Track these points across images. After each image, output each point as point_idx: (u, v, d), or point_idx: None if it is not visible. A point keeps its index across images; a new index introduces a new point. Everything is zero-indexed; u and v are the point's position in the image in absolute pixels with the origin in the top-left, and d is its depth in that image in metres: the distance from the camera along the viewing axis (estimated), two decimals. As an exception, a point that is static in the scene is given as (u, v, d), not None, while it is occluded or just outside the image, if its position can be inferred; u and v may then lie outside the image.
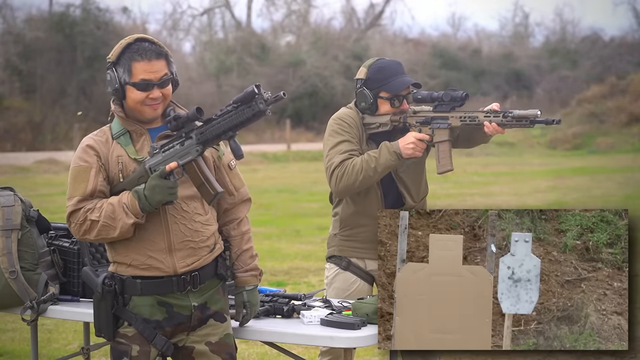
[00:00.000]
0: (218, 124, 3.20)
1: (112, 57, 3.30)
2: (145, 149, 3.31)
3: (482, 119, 3.90)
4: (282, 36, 43.62)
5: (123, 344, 3.29)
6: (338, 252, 4.12)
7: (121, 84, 3.28)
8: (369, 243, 4.03)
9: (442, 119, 3.95)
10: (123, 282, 3.29)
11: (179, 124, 3.24)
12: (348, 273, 4.08)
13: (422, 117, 3.97)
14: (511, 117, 3.84)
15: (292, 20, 44.99)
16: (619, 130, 29.78)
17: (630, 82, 31.92)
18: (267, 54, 38.15)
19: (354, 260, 4.09)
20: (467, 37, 49.31)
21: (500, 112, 3.87)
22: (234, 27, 44.05)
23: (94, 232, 3.24)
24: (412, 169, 4.08)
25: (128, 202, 3.21)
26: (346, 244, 4.10)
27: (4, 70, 32.08)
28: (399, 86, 4.00)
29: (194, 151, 3.23)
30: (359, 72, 4.09)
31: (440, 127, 3.95)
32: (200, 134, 3.22)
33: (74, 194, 3.26)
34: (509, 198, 16.41)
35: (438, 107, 3.97)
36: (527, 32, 50.26)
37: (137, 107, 3.30)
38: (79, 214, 3.25)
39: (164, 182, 3.19)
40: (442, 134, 3.95)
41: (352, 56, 37.72)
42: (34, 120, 30.77)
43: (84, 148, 3.31)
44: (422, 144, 3.94)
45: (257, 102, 3.13)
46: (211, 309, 3.38)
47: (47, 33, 33.18)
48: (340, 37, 41.16)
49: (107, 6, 39.16)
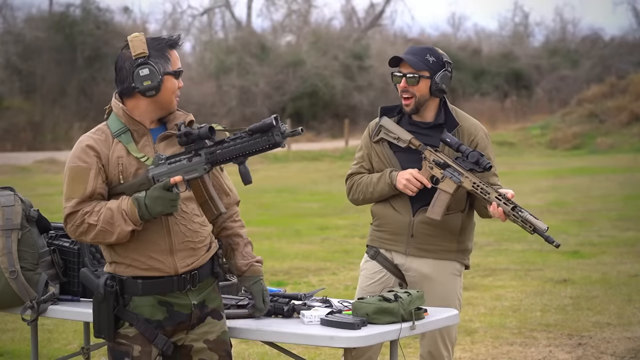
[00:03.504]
0: (230, 147, 3.19)
1: (144, 51, 3.25)
2: (147, 149, 3.29)
3: (493, 198, 3.85)
4: (282, 36, 43.64)
5: (124, 344, 3.28)
6: (370, 242, 4.17)
7: (161, 74, 3.26)
8: (396, 235, 4.04)
9: (458, 173, 3.90)
10: (123, 283, 3.29)
11: (189, 140, 3.22)
12: (374, 262, 4.11)
13: (441, 160, 3.92)
14: (520, 216, 3.79)
15: (292, 20, 45.00)
16: (619, 130, 29.77)
17: (630, 82, 31.90)
18: (267, 53, 38.15)
19: (382, 252, 4.10)
20: (467, 37, 49.31)
21: (512, 204, 3.82)
22: (234, 27, 44.07)
23: (90, 235, 3.23)
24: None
25: (127, 209, 3.19)
26: (376, 234, 4.14)
27: (4, 70, 32.11)
28: (391, 60, 4.02)
29: (202, 169, 3.22)
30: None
31: (452, 179, 3.90)
32: (210, 153, 3.21)
33: (72, 196, 3.24)
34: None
35: (459, 160, 3.91)
36: (527, 32, 50.28)
37: (170, 97, 3.29)
38: (76, 216, 3.23)
39: (166, 194, 3.18)
40: (449, 186, 3.91)
41: (352, 56, 37.72)
42: (34, 120, 30.78)
43: (83, 148, 3.27)
44: (416, 183, 3.91)
45: (274, 134, 3.13)
46: (209, 307, 3.39)
47: (47, 33, 33.20)
48: (340, 37, 41.16)
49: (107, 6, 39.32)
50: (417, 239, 4.02)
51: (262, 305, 3.50)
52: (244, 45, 38.29)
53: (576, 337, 6.51)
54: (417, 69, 3.97)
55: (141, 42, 3.26)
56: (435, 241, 4.03)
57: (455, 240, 4.07)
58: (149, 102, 3.29)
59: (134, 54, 3.25)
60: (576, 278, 8.80)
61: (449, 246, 4.06)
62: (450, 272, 4.07)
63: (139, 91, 3.25)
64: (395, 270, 4.09)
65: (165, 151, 3.31)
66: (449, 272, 4.06)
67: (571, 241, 11.23)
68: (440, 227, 4.00)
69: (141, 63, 3.24)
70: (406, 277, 4.07)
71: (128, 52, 3.28)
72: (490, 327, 6.85)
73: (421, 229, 4.01)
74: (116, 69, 3.32)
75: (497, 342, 6.41)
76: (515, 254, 10.40)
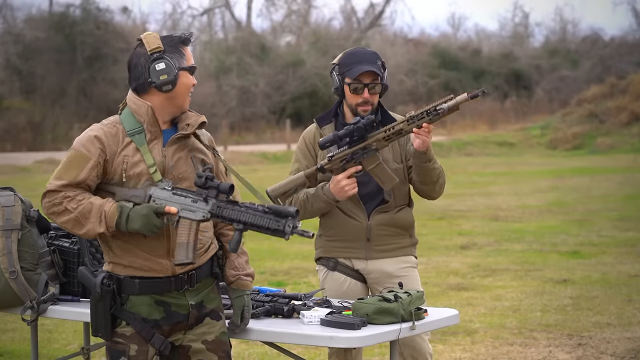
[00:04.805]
0: (240, 211, 3.16)
1: (159, 46, 3.24)
2: (155, 151, 3.26)
3: (405, 126, 3.77)
4: (282, 36, 43.65)
5: (121, 343, 3.28)
6: (324, 254, 4.11)
7: (177, 69, 3.25)
8: (352, 242, 4.03)
9: (363, 149, 3.84)
10: (120, 282, 3.28)
11: (205, 185, 3.18)
12: (337, 273, 4.07)
13: (343, 159, 3.85)
14: (440, 110, 3.71)
15: (292, 20, 45.00)
16: (619, 130, 29.77)
17: (630, 82, 31.90)
18: (267, 54, 38.15)
19: (341, 260, 4.07)
20: (467, 37, 49.34)
21: (423, 112, 3.74)
22: (234, 27, 44.07)
23: (62, 219, 3.21)
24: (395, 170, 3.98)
25: (108, 212, 3.18)
26: (331, 244, 4.09)
27: (4, 70, 32.09)
28: (357, 72, 3.93)
29: (200, 215, 3.19)
30: (336, 57, 4.09)
31: (367, 156, 3.85)
32: (218, 206, 3.18)
33: (63, 177, 3.22)
34: (509, 198, 16.41)
35: (354, 144, 3.84)
36: (527, 32, 50.29)
37: (185, 94, 3.28)
38: (57, 196, 3.21)
39: (153, 218, 3.16)
40: (372, 160, 3.85)
41: (352, 56, 37.65)
42: (34, 120, 30.78)
43: (90, 137, 3.25)
44: (352, 181, 3.85)
45: (286, 224, 3.11)
46: (207, 308, 3.38)
47: (47, 33, 33.20)
48: (340, 37, 41.16)
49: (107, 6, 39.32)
50: (375, 241, 4.02)
51: (238, 322, 3.44)
52: (243, 45, 38.30)
53: (576, 337, 6.51)
54: (378, 77, 3.97)
55: (155, 38, 3.26)
56: (392, 240, 4.05)
57: (407, 234, 4.11)
58: (163, 98, 3.27)
59: (149, 49, 3.24)
60: (576, 278, 8.79)
61: (404, 242, 4.09)
62: (409, 266, 4.10)
63: (155, 86, 3.24)
64: (357, 275, 4.07)
65: (174, 156, 3.28)
66: (408, 266, 4.09)
67: (571, 241, 11.23)
68: (395, 225, 4.04)
69: (157, 57, 3.23)
70: (367, 280, 4.07)
71: (142, 49, 3.27)
72: (490, 327, 6.85)
73: (378, 231, 4.02)
74: (130, 67, 3.30)
75: (497, 342, 6.41)
76: (515, 254, 10.39)
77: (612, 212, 14.03)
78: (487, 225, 12.85)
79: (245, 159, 26.70)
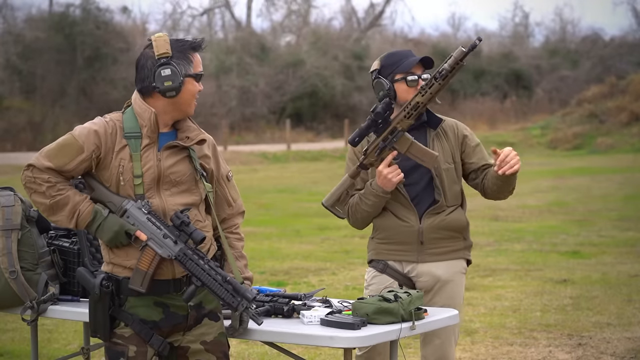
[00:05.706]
0: (202, 268, 3.21)
1: (167, 52, 3.24)
2: (149, 155, 3.26)
3: (420, 99, 3.73)
4: (282, 36, 43.64)
5: (119, 344, 3.28)
6: (375, 256, 4.05)
7: (182, 76, 3.25)
8: (405, 245, 3.97)
9: (391, 134, 3.82)
10: (119, 283, 3.28)
11: (180, 227, 3.21)
12: (385, 276, 4.00)
13: (376, 149, 3.84)
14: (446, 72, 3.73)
15: (292, 20, 45.00)
16: (619, 130, 29.78)
17: (630, 82, 31.92)
18: (267, 54, 38.15)
19: (391, 263, 4.01)
20: (467, 37, 49.27)
21: (430, 78, 3.74)
22: (233, 27, 44.07)
23: (36, 198, 3.24)
24: (446, 170, 3.97)
25: (82, 212, 3.22)
26: (382, 247, 4.02)
27: (4, 70, 32.09)
28: (411, 63, 3.94)
29: (166, 253, 3.22)
30: (373, 65, 4.08)
31: (396, 139, 3.82)
32: (184, 254, 3.22)
33: (51, 159, 3.23)
34: (509, 198, 16.37)
35: (377, 132, 3.82)
36: (527, 32, 50.26)
37: (189, 100, 3.28)
38: (40, 176, 3.22)
39: (122, 237, 3.22)
40: (404, 142, 3.82)
41: (352, 56, 37.71)
42: (34, 120, 30.78)
43: (91, 131, 3.26)
44: (393, 168, 3.83)
45: (241, 302, 3.21)
46: (206, 308, 3.38)
47: (47, 33, 33.19)
48: (340, 37, 41.17)
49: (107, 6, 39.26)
50: (428, 244, 3.96)
51: (237, 325, 3.43)
52: (243, 45, 38.29)
53: (576, 337, 6.51)
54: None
55: (165, 42, 3.25)
56: (445, 243, 3.99)
57: (461, 237, 4.06)
58: (167, 103, 3.27)
59: (157, 54, 3.24)
60: (576, 278, 8.80)
61: (457, 245, 4.04)
62: (458, 271, 4.04)
63: (158, 91, 3.24)
64: (405, 279, 4.00)
65: (167, 160, 3.28)
66: (457, 271, 4.04)
67: (571, 241, 11.24)
68: (448, 228, 3.98)
69: (163, 63, 3.23)
70: (417, 284, 4.00)
71: (151, 51, 3.27)
72: (490, 327, 6.85)
73: (430, 234, 3.95)
74: (137, 67, 3.30)
75: (497, 342, 6.41)
76: (515, 254, 10.40)
77: (612, 212, 14.04)
78: (487, 225, 12.84)
79: (245, 158, 26.72)
